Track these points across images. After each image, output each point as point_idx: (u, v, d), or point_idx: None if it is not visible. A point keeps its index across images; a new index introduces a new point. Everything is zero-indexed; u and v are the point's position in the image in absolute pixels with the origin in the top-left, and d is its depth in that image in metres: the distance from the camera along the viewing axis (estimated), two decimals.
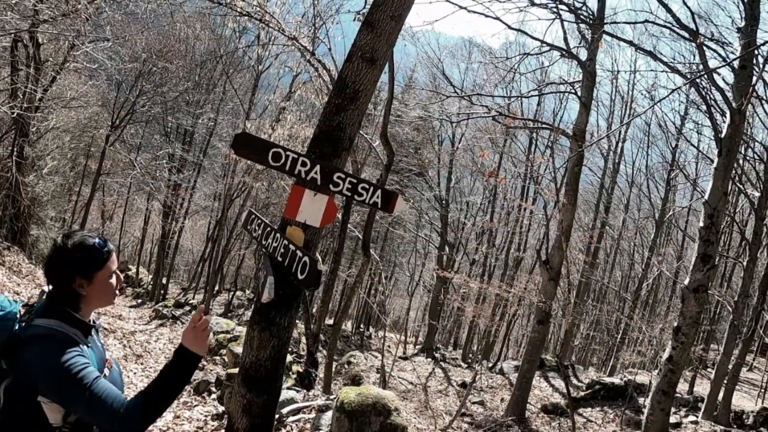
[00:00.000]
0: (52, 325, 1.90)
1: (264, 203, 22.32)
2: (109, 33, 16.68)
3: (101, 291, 2.04)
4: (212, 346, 12.54)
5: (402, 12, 4.11)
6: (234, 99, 23.90)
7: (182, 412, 7.95)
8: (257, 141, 3.84)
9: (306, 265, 3.24)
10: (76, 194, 24.69)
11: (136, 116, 21.71)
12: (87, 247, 1.99)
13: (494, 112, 14.19)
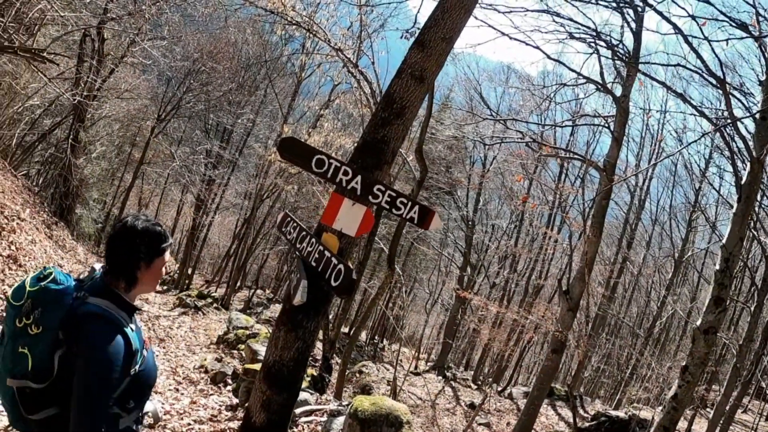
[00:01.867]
0: (103, 306, 2.00)
1: (293, 206, 22.63)
2: (167, 33, 17.42)
3: (152, 277, 2.16)
4: (231, 340, 12.85)
5: (453, 35, 4.23)
6: (274, 102, 24.37)
7: (198, 399, 8.15)
8: (302, 146, 3.94)
9: (341, 272, 3.31)
10: (119, 180, 25.40)
11: (180, 111, 22.32)
12: (154, 234, 2.12)
13: (528, 139, 14.30)
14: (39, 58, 8.66)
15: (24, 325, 1.97)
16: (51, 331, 1.95)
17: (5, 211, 9.35)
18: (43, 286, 2.02)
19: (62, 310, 1.97)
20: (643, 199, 24.25)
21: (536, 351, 28.66)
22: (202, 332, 14.85)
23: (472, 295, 20.02)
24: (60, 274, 2.07)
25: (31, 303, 1.99)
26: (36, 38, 11.31)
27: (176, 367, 10.02)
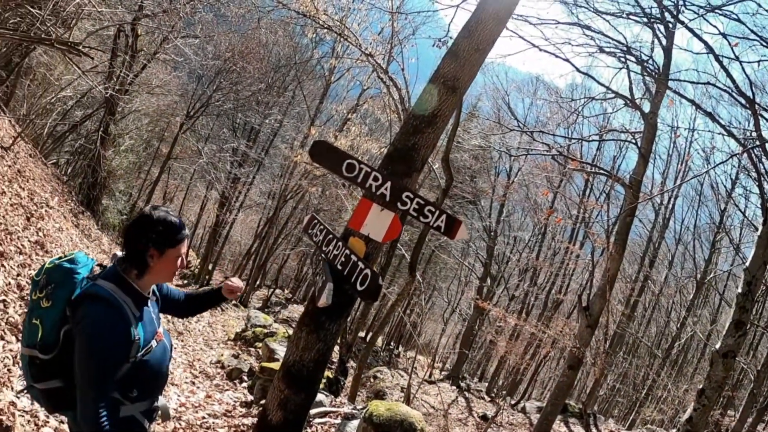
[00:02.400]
0: (107, 288, 2.08)
1: (316, 208, 22.76)
2: (200, 31, 17.67)
3: (166, 267, 2.22)
4: (249, 337, 12.94)
5: (486, 46, 4.23)
6: (301, 104, 24.58)
7: (214, 393, 8.23)
8: (334, 150, 3.97)
9: (367, 277, 3.34)
10: (145, 173, 25.74)
11: (209, 109, 22.54)
12: (168, 223, 2.18)
13: (554, 151, 14.22)
14: (75, 51, 8.82)
15: (38, 298, 2.12)
16: (59, 307, 2.08)
17: (35, 198, 9.55)
18: (58, 263, 2.16)
19: (70, 288, 2.10)
20: (667, 218, 23.92)
21: (552, 366, 28.43)
22: (220, 328, 14.97)
23: (490, 306, 19.90)
24: (82, 257, 2.21)
25: (46, 278, 2.14)
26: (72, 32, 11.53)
27: (193, 361, 10.11)
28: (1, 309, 4.94)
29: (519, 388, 25.33)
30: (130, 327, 2.09)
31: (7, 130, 10.54)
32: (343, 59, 17.95)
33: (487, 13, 4.24)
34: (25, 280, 5.89)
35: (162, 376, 2.38)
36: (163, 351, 2.35)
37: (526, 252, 26.80)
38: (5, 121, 10.81)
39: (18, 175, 9.29)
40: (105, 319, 2.02)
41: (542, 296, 25.51)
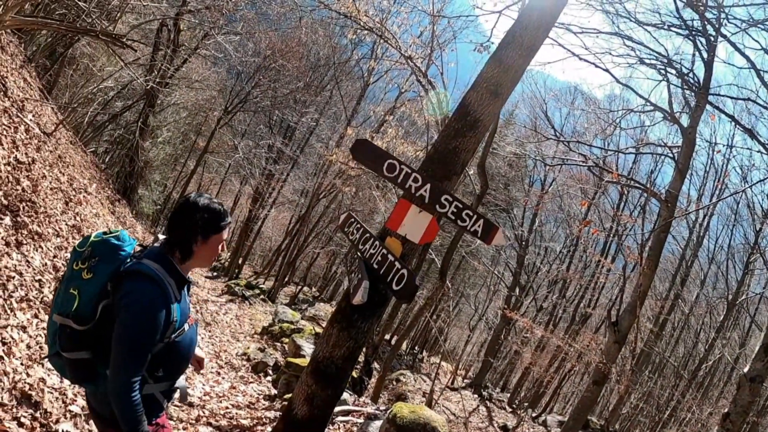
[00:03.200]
0: (154, 268, 2.12)
1: (348, 208, 22.79)
2: (241, 28, 17.91)
3: (208, 253, 2.28)
4: (275, 332, 13.03)
5: (529, 53, 4.24)
6: (338, 104, 24.62)
7: (238, 385, 8.31)
8: (376, 149, 3.99)
9: (404, 277, 3.32)
10: (181, 165, 26.16)
11: (247, 105, 22.84)
12: (214, 211, 2.22)
13: (591, 163, 14.04)
14: (119, 43, 9.00)
15: (79, 269, 2.15)
16: (101, 280, 2.12)
17: (74, 183, 9.75)
18: (105, 238, 2.22)
19: (115, 264, 2.15)
20: (701, 236, 23.35)
21: (575, 381, 27.97)
22: (247, 321, 15.11)
23: (518, 316, 19.70)
24: (126, 235, 2.26)
25: (91, 251, 2.18)
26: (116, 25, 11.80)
27: (219, 352, 10.22)
28: (37, 288, 5.05)
29: (541, 400, 25.01)
30: (171, 307, 2.15)
31: (49, 116, 10.80)
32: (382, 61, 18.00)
33: (531, 21, 4.27)
34: (61, 262, 6.02)
35: (188, 359, 2.41)
36: (192, 335, 2.39)
37: (556, 263, 26.45)
38: (48, 109, 11.08)
39: (59, 161, 9.50)
40: (149, 296, 2.07)
41: (570, 309, 25.11)
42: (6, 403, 3.63)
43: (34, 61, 11.64)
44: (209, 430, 5.88)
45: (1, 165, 6.22)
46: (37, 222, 6.20)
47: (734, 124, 15.41)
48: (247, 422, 6.53)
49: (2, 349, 4.06)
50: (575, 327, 23.57)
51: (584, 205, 21.60)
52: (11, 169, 6.46)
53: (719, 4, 10.63)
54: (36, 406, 3.85)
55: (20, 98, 8.84)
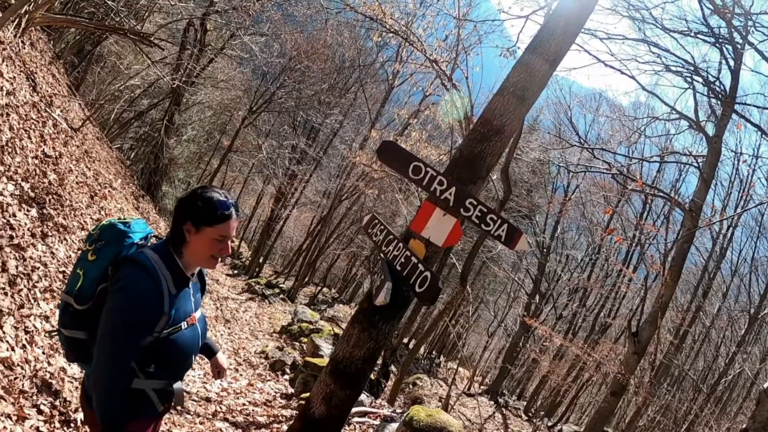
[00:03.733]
0: (151, 258, 2.08)
1: (370, 210, 22.80)
2: (268, 29, 18.06)
3: (201, 245, 2.15)
4: (294, 331, 13.10)
5: (557, 57, 4.21)
6: (363, 107, 24.75)
7: (255, 382, 8.38)
8: (402, 151, 3.98)
9: (427, 279, 3.31)
10: (205, 164, 26.47)
11: (271, 105, 23.00)
12: (208, 200, 2.11)
13: (615, 170, 13.90)
14: (147, 41, 9.14)
15: (86, 251, 2.18)
16: (103, 264, 2.13)
17: (99, 178, 9.90)
18: (113, 223, 2.22)
19: (118, 249, 2.16)
20: (724, 248, 22.92)
21: (593, 391, 27.64)
22: (266, 319, 15.21)
23: (537, 323, 19.54)
24: (139, 224, 2.28)
25: (99, 234, 2.20)
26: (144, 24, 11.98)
27: (238, 349, 10.30)
28: (60, 279, 5.15)
29: (558, 410, 24.78)
30: (163, 301, 2.09)
31: (77, 112, 11.00)
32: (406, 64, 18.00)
33: (558, 26, 4.25)
34: None
35: (186, 360, 2.33)
36: (193, 336, 2.32)
37: (577, 272, 26.20)
38: (75, 105, 11.28)
39: (85, 156, 9.66)
40: (140, 285, 2.03)
41: (590, 318, 24.87)
42: (27, 390, 3.69)
43: (62, 58, 11.86)
44: (226, 425, 5.94)
45: (29, 158, 6.33)
46: (63, 215, 6.31)
47: (761, 134, 15.17)
48: (264, 419, 6.58)
49: (25, 338, 4.13)
50: (594, 336, 23.34)
51: (608, 213, 21.36)
52: (39, 162, 6.58)
53: (746, 12, 10.50)
54: (56, 395, 3.91)
55: (49, 94, 9.01)
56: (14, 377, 3.68)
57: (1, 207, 5.03)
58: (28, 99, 7.44)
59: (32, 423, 3.48)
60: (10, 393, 3.52)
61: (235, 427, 6.01)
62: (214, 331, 10.60)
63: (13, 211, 5.20)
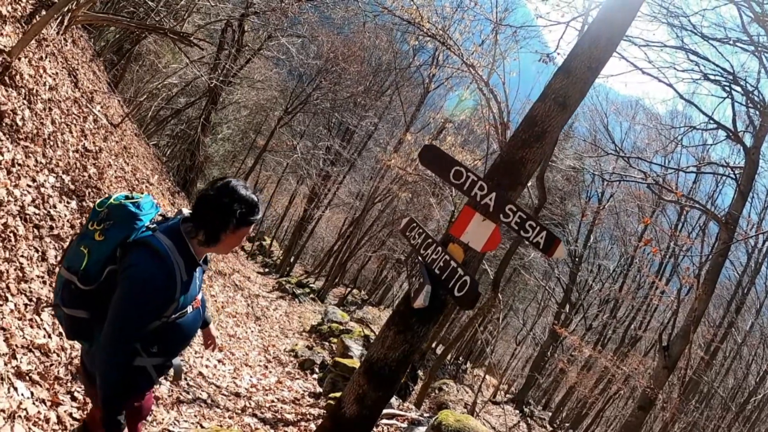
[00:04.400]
0: (164, 244, 2.08)
1: (403, 213, 22.82)
2: (305, 31, 18.22)
3: (232, 242, 2.20)
4: (324, 331, 13.18)
5: (598, 65, 4.19)
6: (398, 110, 24.77)
7: (284, 380, 8.45)
8: (443, 156, 4.00)
9: (466, 284, 3.31)
10: (240, 162, 26.78)
11: (307, 106, 23.12)
12: (251, 204, 2.15)
13: (650, 180, 13.66)
14: (186, 41, 9.29)
15: (93, 230, 2.14)
16: (111, 245, 2.10)
17: (137, 173, 10.13)
18: (123, 203, 2.18)
19: (128, 231, 2.11)
20: (760, 263, 22.29)
21: (619, 405, 27.17)
22: (296, 318, 15.33)
23: (567, 333, 19.30)
24: (148, 204, 2.24)
25: (107, 213, 2.16)
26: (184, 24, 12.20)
27: (268, 346, 10.39)
28: None
29: (583, 422, 24.41)
30: (175, 287, 2.11)
31: (116, 109, 11.26)
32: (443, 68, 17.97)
33: (600, 32, 4.24)
34: None
35: (187, 341, 2.39)
36: (196, 318, 2.36)
37: (609, 282, 25.75)
38: (115, 101, 11.55)
39: (124, 151, 9.88)
40: (154, 272, 2.04)
41: (620, 330, 24.45)
42: (62, 377, 3.80)
43: (102, 56, 12.15)
44: (254, 421, 6.01)
45: (70, 152, 6.50)
46: None
47: None
48: (292, 417, 6.64)
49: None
50: (624, 349, 22.92)
51: (646, 223, 20.95)
52: (79, 156, 6.75)
53: None
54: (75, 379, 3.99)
55: (89, 90, 9.23)
56: (50, 364, 3.79)
57: (43, 198, 5.17)
58: (70, 95, 7.63)
59: (66, 408, 3.57)
60: (45, 379, 3.62)
61: (264, 423, 6.06)
62: (244, 328, 10.74)
63: (54, 203, 5.35)
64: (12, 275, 4.07)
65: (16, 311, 3.85)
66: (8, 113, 5.23)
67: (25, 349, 3.66)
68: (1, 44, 5.64)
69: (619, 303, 24.30)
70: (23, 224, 4.59)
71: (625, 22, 4.32)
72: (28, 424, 3.18)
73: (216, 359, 7.47)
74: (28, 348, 3.69)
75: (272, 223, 37.79)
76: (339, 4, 18.81)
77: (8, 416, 3.06)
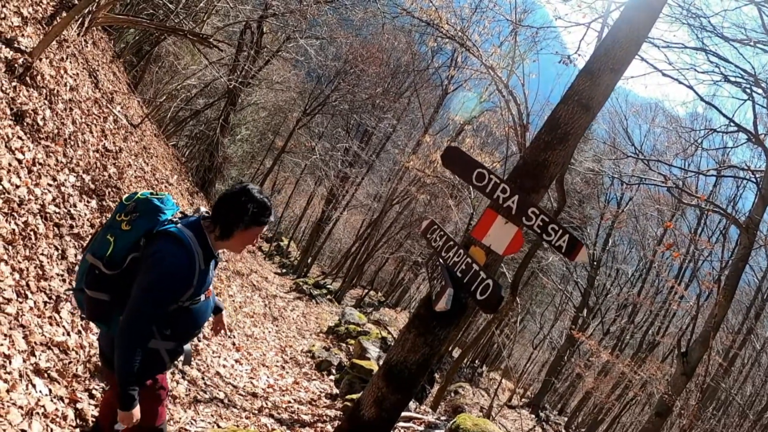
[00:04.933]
0: (186, 234, 2.33)
1: (420, 216, 22.79)
2: (324, 33, 18.26)
3: (243, 239, 2.46)
4: (341, 333, 13.17)
5: (621, 66, 4.16)
6: (416, 111, 24.69)
7: (301, 381, 8.46)
8: (466, 157, 3.98)
9: (488, 287, 3.26)
10: (258, 163, 26.93)
11: (326, 108, 23.21)
12: (263, 206, 2.41)
13: (670, 183, 13.46)
14: (206, 43, 9.36)
15: (120, 220, 2.39)
16: (136, 234, 2.34)
17: (157, 173, 10.21)
18: (149, 197, 2.45)
19: (152, 222, 2.36)
20: None
21: (635, 411, 26.84)
22: (313, 319, 15.35)
23: (584, 337, 19.10)
24: (170, 200, 2.50)
25: (134, 206, 2.41)
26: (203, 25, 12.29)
27: (285, 347, 10.41)
28: None
29: (599, 428, 24.11)
30: (194, 274, 2.34)
31: (136, 109, 11.38)
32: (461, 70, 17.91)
33: (622, 34, 4.19)
34: None
35: (198, 327, 2.60)
36: (206, 307, 2.59)
37: (627, 286, 25.47)
38: (134, 102, 11.67)
39: (143, 151, 9.97)
40: (177, 258, 2.28)
41: (638, 335, 24.16)
42: (80, 374, 3.84)
43: (122, 57, 12.30)
44: (271, 421, 6.01)
45: (91, 151, 6.56)
46: None
47: None
48: (308, 418, 6.63)
49: (81, 324, 4.31)
50: (641, 354, 22.65)
51: (668, 227, 20.67)
52: (99, 156, 6.81)
53: None
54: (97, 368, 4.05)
55: (110, 91, 9.34)
56: (68, 361, 3.82)
57: (63, 197, 5.23)
58: (91, 95, 7.71)
59: (83, 406, 3.60)
60: (64, 376, 3.66)
61: (280, 424, 6.06)
62: (262, 328, 10.77)
63: (74, 202, 5.41)
64: (32, 273, 4.12)
65: (35, 309, 3.90)
66: (30, 113, 5.30)
67: (44, 346, 3.69)
68: (23, 45, 5.71)
69: (638, 308, 24.01)
70: (43, 223, 4.64)
71: (648, 23, 4.28)
72: (46, 421, 3.21)
73: (233, 359, 7.50)
74: (47, 345, 3.73)
75: (290, 223, 37.97)
76: (358, 5, 18.79)
77: (26, 413, 3.09)
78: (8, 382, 3.12)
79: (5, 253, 3.92)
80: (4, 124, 4.76)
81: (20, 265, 4.02)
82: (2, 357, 3.21)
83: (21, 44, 5.66)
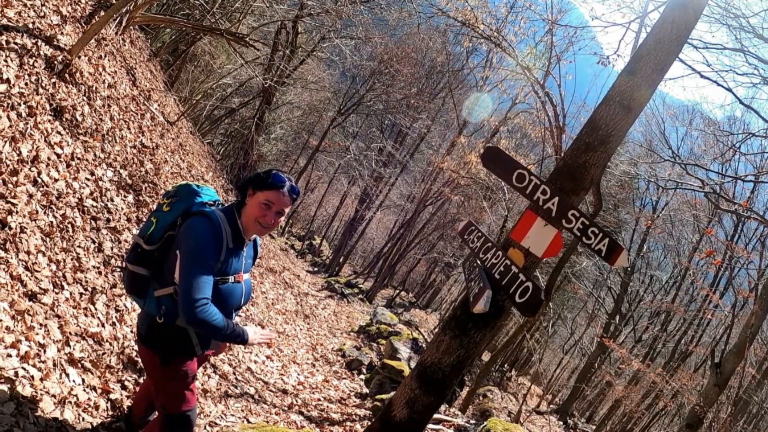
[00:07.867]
0: (216, 214, 2.54)
1: (453, 217, 22.68)
2: (359, 32, 18.30)
3: (252, 207, 2.56)
4: (372, 332, 13.18)
5: (664, 66, 4.05)
6: (450, 112, 24.56)
7: (331, 379, 8.47)
8: (506, 158, 3.92)
9: (528, 290, 3.22)
10: (292, 162, 27.15)
11: (360, 108, 23.33)
12: (268, 173, 2.59)
13: (708, 188, 13.12)
14: (242, 42, 9.43)
15: (162, 204, 2.70)
16: (174, 214, 2.63)
17: (192, 170, 10.34)
18: (188, 183, 2.76)
19: (188, 204, 2.64)
20: None
21: (664, 422, 26.25)
22: (344, 318, 15.40)
23: (615, 345, 18.75)
24: (210, 190, 2.79)
25: (174, 191, 2.73)
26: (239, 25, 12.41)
27: (316, 345, 10.44)
28: None
29: None
30: (222, 247, 2.51)
31: (172, 107, 11.56)
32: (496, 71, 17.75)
33: (664, 33, 4.07)
34: None
35: (225, 310, 2.61)
36: (236, 291, 2.69)
37: (661, 294, 24.91)
38: (171, 100, 11.85)
39: (180, 148, 10.12)
40: (205, 231, 2.46)
41: (671, 344, 23.59)
42: (113, 366, 3.88)
43: (158, 56, 12.50)
44: (300, 418, 6.02)
45: (128, 147, 6.67)
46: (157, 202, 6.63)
47: None
48: (337, 416, 6.63)
49: (115, 316, 4.38)
50: (673, 364, 22.14)
51: (709, 233, 20.17)
52: (137, 152, 6.92)
53: None
54: (140, 372, 4.11)
55: (147, 88, 9.49)
56: (102, 352, 3.87)
57: (101, 191, 5.33)
58: (128, 92, 7.84)
59: (116, 397, 3.65)
60: (97, 367, 3.70)
61: (309, 422, 6.07)
62: (293, 325, 10.83)
63: (111, 196, 5.51)
64: (69, 265, 4.19)
65: (71, 300, 3.96)
66: (68, 109, 5.41)
67: (79, 336, 3.75)
68: (62, 43, 5.82)
69: (671, 316, 23.46)
70: (81, 216, 4.73)
71: (690, 23, 4.16)
72: (78, 410, 3.25)
73: (264, 355, 7.54)
74: (82, 336, 3.79)
75: (322, 222, 38.22)
76: (393, 5, 18.77)
77: (59, 401, 3.14)
78: (42, 370, 3.16)
79: (43, 244, 3.99)
80: (44, 119, 4.86)
81: (57, 256, 4.09)
82: (37, 346, 3.26)
83: (60, 42, 5.78)
